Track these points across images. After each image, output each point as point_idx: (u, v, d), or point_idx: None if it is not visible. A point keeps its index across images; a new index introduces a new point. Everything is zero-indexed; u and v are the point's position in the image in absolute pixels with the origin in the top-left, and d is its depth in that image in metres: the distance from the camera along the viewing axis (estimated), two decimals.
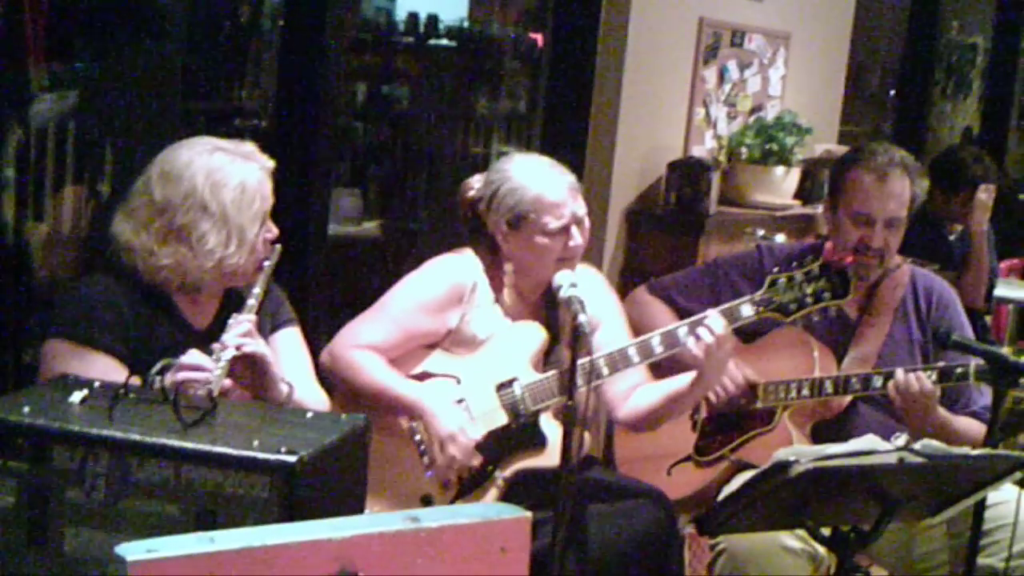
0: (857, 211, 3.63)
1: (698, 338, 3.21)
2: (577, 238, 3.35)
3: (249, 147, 3.01)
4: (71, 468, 2.18)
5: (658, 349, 3.30)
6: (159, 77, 4.57)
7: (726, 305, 3.30)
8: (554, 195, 3.35)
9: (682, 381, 3.37)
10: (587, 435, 3.39)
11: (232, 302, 3.00)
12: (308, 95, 4.16)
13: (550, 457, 3.24)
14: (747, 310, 3.30)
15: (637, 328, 3.54)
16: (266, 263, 3.00)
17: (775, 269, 3.32)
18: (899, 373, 3.42)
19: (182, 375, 2.71)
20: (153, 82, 4.51)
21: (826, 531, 2.75)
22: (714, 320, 3.22)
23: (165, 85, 4.62)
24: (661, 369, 3.50)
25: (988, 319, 6.05)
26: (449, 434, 3.27)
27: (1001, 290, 6.13)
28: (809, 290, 3.28)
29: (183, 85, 4.75)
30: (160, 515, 2.16)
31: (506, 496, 3.29)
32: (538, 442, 3.32)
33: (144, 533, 2.10)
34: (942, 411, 3.48)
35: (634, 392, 3.49)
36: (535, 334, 3.41)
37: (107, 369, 2.79)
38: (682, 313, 3.65)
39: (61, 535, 2.19)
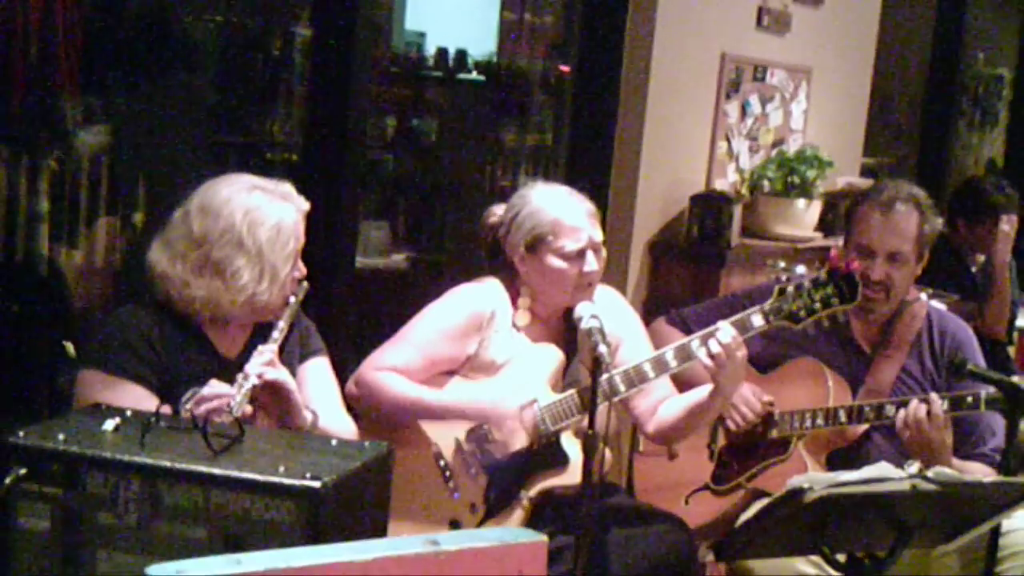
0: (859, 243, 3.69)
1: (709, 349, 3.26)
2: (593, 264, 3.40)
3: (287, 187, 3.08)
4: (104, 493, 2.24)
5: (672, 363, 3.34)
6: (191, 110, 4.64)
7: (737, 316, 3.33)
8: (572, 219, 3.41)
9: (702, 392, 3.41)
10: (608, 452, 3.43)
11: (261, 333, 3.05)
12: (337, 128, 4.17)
13: (573, 475, 3.28)
14: (757, 320, 3.34)
15: None
16: (292, 299, 3.07)
17: (784, 278, 3.38)
18: (912, 403, 3.46)
19: (204, 406, 2.78)
20: (185, 115, 4.58)
21: (841, 557, 2.76)
22: (724, 330, 3.26)
23: (197, 118, 4.69)
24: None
25: (1011, 350, 6.04)
26: (501, 411, 3.35)
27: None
28: (818, 296, 3.32)
29: (214, 118, 4.82)
30: (189, 538, 2.21)
31: (531, 517, 3.34)
32: (560, 461, 3.37)
33: (174, 556, 2.14)
34: (955, 460, 3.50)
35: (660, 406, 3.54)
36: (552, 355, 3.45)
37: (138, 398, 2.85)
38: None
39: (94, 558, 2.25)
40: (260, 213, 2.98)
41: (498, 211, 3.56)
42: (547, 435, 3.37)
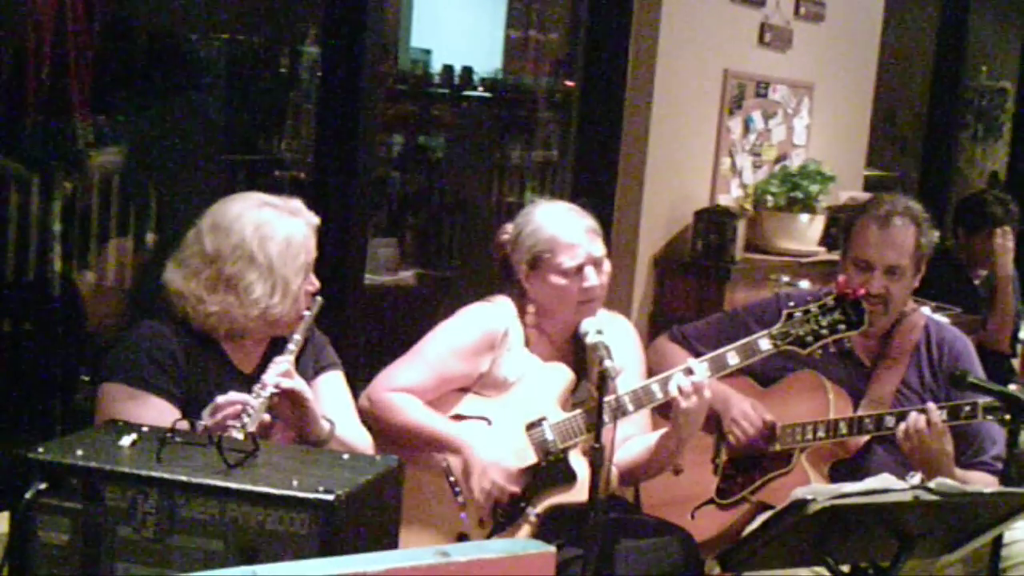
0: (858, 257, 3.73)
1: (676, 384, 3.30)
2: (592, 279, 3.44)
3: (296, 203, 3.13)
4: (122, 507, 2.28)
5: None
6: (201, 130, 4.67)
7: (745, 340, 3.38)
8: (568, 236, 3.45)
9: (659, 434, 3.46)
10: (614, 470, 3.47)
11: (277, 348, 3.10)
12: (346, 146, 4.20)
13: (580, 492, 3.30)
14: (765, 344, 3.39)
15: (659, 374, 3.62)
16: (307, 313, 3.12)
17: (785, 294, 3.42)
18: (912, 415, 3.49)
19: (220, 413, 2.83)
20: (195, 134, 4.61)
21: (845, 568, 2.80)
22: (697, 368, 3.31)
23: (206, 137, 4.72)
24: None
25: (1015, 362, 6.07)
26: (490, 462, 3.37)
27: None
28: (824, 322, 3.37)
29: (224, 137, 4.85)
30: (205, 550, 2.25)
31: (539, 532, 3.37)
32: (568, 478, 3.40)
33: (190, 568, 2.20)
34: (957, 470, 3.53)
35: (624, 444, 3.54)
36: (562, 374, 3.50)
37: (162, 410, 2.90)
38: None
39: (112, 570, 2.29)
40: (270, 228, 3.04)
41: (509, 228, 3.61)
42: (556, 452, 3.42)
